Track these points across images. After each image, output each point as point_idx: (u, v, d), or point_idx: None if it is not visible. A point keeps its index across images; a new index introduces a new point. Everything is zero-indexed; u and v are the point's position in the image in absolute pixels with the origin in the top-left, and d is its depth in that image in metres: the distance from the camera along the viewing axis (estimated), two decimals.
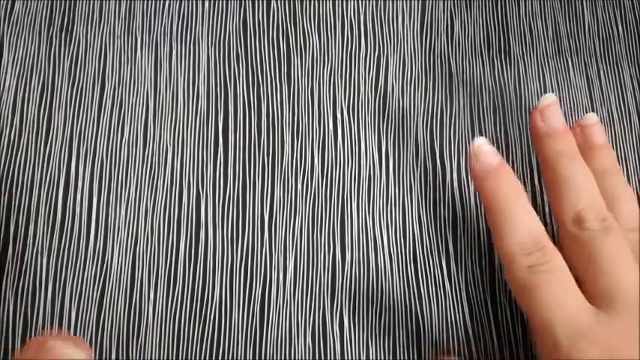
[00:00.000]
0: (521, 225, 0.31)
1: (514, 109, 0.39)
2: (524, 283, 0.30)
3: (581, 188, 0.32)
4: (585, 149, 0.35)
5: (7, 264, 0.34)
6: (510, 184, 0.32)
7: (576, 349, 0.28)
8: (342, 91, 0.38)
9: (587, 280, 0.31)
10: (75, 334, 0.33)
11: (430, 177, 0.37)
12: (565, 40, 0.40)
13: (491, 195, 0.32)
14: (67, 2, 0.39)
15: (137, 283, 0.34)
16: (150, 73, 0.38)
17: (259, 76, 0.38)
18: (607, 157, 0.35)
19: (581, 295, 0.30)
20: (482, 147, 0.32)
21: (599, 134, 0.35)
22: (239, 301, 0.34)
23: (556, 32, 0.40)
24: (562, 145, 0.34)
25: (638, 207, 0.33)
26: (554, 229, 0.36)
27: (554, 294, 0.29)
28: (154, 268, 0.34)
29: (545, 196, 0.37)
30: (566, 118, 0.38)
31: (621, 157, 0.38)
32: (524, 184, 0.37)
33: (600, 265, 0.30)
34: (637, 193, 0.37)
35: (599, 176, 0.33)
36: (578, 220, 0.31)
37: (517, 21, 0.40)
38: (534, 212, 0.32)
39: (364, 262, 0.35)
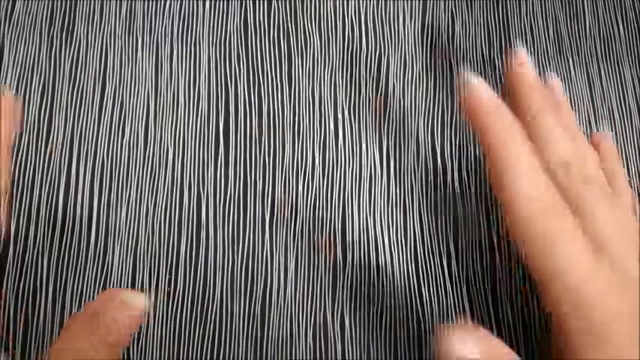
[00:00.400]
0: (528, 165, 0.30)
1: None
2: (535, 230, 0.29)
3: (563, 139, 0.32)
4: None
5: (7, 265, 0.34)
6: (509, 119, 0.31)
7: (589, 296, 0.28)
8: (342, 91, 0.38)
9: None
10: None
11: (431, 177, 0.37)
12: (566, 39, 0.40)
13: (490, 129, 0.31)
14: (68, 3, 0.39)
15: (138, 285, 0.34)
16: (151, 73, 0.38)
17: (260, 76, 0.38)
18: (568, 114, 0.36)
19: (587, 243, 0.30)
20: (480, 86, 0.31)
21: (560, 94, 0.36)
22: (240, 301, 0.34)
23: (557, 31, 0.40)
24: (540, 99, 0.34)
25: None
26: None
27: (567, 240, 0.29)
28: (155, 270, 0.34)
29: None
30: None
31: (622, 154, 0.38)
32: None
33: (586, 216, 0.31)
34: (638, 189, 0.37)
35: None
36: (563, 168, 0.32)
37: (518, 19, 0.40)
38: (536, 155, 0.31)
39: (365, 262, 0.35)
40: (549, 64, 0.39)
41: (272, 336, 0.34)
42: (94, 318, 0.27)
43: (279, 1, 0.39)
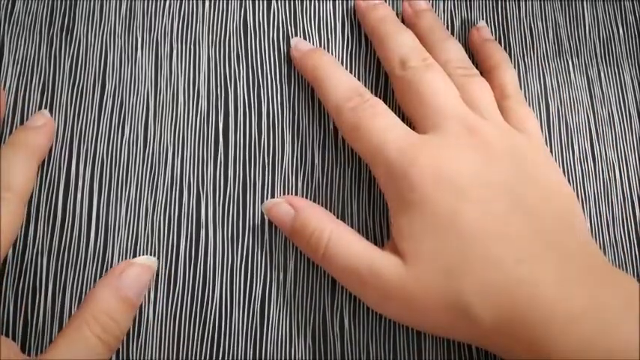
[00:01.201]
0: (341, 81, 0.36)
1: None
2: (351, 123, 0.34)
3: (403, 40, 0.36)
4: (412, 15, 0.39)
5: (7, 264, 0.34)
6: (326, 57, 0.37)
7: (408, 161, 0.32)
8: None
9: (416, 115, 0.34)
10: None
11: None
12: (565, 42, 0.40)
13: (311, 67, 0.37)
14: (68, 2, 0.39)
15: None
16: (150, 72, 0.38)
17: (259, 77, 0.38)
18: (429, 17, 0.39)
19: (406, 126, 0.34)
20: (299, 41, 0.38)
21: (422, 2, 0.39)
22: (239, 300, 0.34)
23: (556, 33, 0.40)
24: (382, 12, 0.38)
25: (462, 50, 0.37)
26: None
27: (380, 122, 0.33)
28: None
29: None
30: (567, 120, 0.38)
31: (622, 157, 0.38)
32: None
33: (424, 95, 0.34)
34: (638, 192, 0.37)
35: (425, 33, 0.38)
36: (403, 63, 0.35)
37: (517, 22, 0.40)
38: (353, 77, 0.36)
39: None
40: (549, 67, 0.39)
41: (271, 335, 0.34)
42: (119, 277, 0.31)
43: (279, 1, 0.39)
